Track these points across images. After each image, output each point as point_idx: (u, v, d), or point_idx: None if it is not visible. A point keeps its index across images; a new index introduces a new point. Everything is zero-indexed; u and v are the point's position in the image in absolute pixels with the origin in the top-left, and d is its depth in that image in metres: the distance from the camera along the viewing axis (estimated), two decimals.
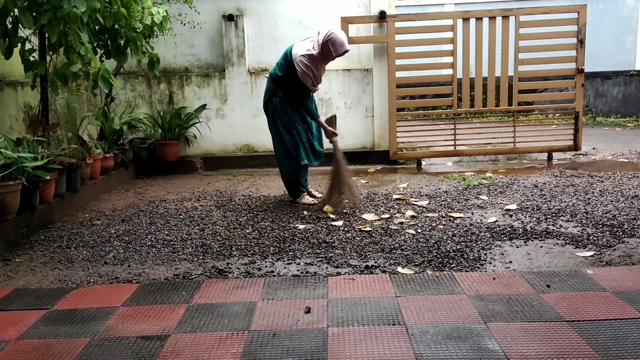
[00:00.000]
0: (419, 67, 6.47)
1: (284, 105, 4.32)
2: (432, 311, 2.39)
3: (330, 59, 4.20)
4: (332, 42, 4.08)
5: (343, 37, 4.12)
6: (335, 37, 4.09)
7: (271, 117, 4.42)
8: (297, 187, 4.52)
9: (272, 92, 4.36)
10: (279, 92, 4.32)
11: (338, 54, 4.14)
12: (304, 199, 4.51)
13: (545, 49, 6.15)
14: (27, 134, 4.53)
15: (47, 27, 3.63)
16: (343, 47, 4.11)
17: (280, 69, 4.31)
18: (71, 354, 2.12)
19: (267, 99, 4.42)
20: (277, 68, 4.34)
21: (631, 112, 10.41)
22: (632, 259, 2.99)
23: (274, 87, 4.34)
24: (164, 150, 6.27)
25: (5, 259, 3.32)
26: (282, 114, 4.33)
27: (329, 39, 4.09)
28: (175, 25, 6.11)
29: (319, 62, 4.19)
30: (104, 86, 4.16)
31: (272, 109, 4.37)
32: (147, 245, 3.50)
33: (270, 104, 4.38)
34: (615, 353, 1.99)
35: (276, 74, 4.32)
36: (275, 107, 4.34)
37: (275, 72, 4.35)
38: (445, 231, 3.58)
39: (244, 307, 2.50)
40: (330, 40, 4.09)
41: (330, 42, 4.09)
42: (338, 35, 4.10)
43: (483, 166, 6.15)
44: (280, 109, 4.33)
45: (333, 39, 4.08)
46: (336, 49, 4.10)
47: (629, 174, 5.20)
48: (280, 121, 4.35)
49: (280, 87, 4.31)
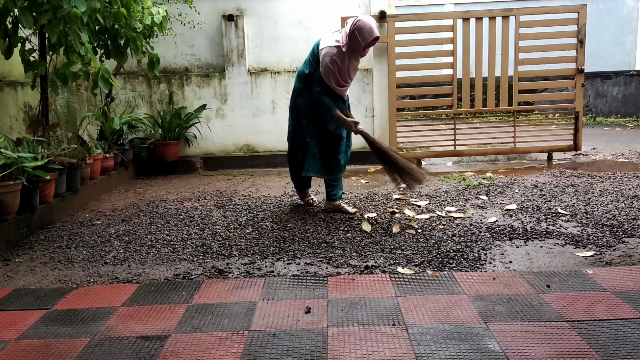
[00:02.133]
0: (419, 67, 6.47)
1: (307, 108, 3.92)
2: (432, 311, 2.39)
3: (360, 51, 3.74)
4: (359, 31, 3.64)
5: (371, 23, 3.66)
6: (362, 24, 3.64)
7: (294, 120, 4.05)
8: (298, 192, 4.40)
9: (298, 91, 3.97)
10: (305, 93, 3.91)
11: (367, 43, 3.68)
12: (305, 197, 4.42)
13: (545, 49, 6.14)
14: (27, 134, 4.53)
15: (47, 27, 3.63)
16: (372, 33, 3.64)
17: (307, 66, 3.91)
18: (71, 354, 2.12)
19: (293, 99, 4.02)
20: (305, 65, 3.94)
21: (631, 112, 10.41)
22: (632, 259, 2.99)
23: (301, 86, 3.94)
24: (164, 150, 6.28)
25: (5, 259, 3.32)
26: (302, 118, 3.96)
27: (355, 27, 3.66)
28: (175, 25, 6.11)
29: (346, 57, 3.73)
30: (104, 86, 4.16)
31: (297, 112, 4.00)
32: (147, 245, 3.50)
33: (296, 106, 4.00)
34: (615, 353, 1.99)
35: (303, 72, 3.93)
36: (300, 109, 3.96)
37: (302, 69, 3.96)
38: (445, 231, 3.58)
39: (244, 307, 2.50)
40: (357, 28, 3.65)
41: (357, 30, 3.65)
42: (365, 22, 3.66)
43: (483, 166, 6.15)
44: (303, 112, 3.94)
45: (360, 26, 3.64)
46: (364, 37, 3.64)
47: (629, 174, 5.20)
48: (299, 125, 4.01)
49: (307, 87, 3.88)
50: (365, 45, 3.70)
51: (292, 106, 4.05)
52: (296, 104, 3.99)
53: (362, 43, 3.67)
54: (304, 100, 3.91)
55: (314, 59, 3.84)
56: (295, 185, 4.40)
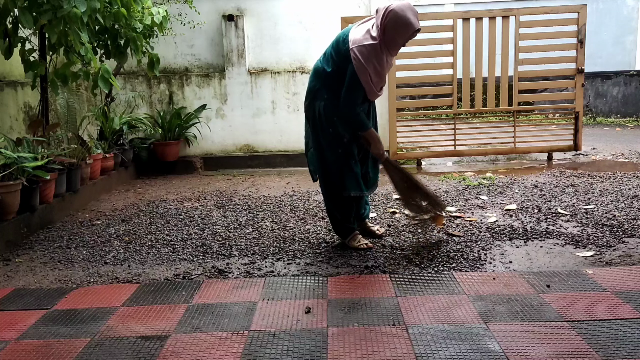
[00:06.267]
0: (419, 67, 6.46)
1: (330, 112, 3.11)
2: (432, 311, 2.39)
3: (397, 48, 3.03)
4: (393, 23, 2.90)
5: (408, 12, 2.90)
6: (396, 15, 2.88)
7: (312, 127, 3.23)
8: (345, 225, 3.30)
9: (315, 92, 3.17)
10: (325, 94, 3.12)
11: (407, 38, 2.96)
12: (354, 241, 3.29)
13: (545, 49, 6.14)
14: (27, 134, 4.52)
15: (47, 27, 3.63)
16: (409, 26, 2.90)
17: (328, 62, 3.12)
18: (71, 354, 2.12)
19: (308, 101, 3.21)
20: (324, 61, 3.16)
21: (631, 112, 10.41)
22: (632, 259, 2.99)
23: (319, 87, 3.15)
24: (164, 150, 6.28)
25: (5, 259, 3.32)
26: (327, 124, 3.13)
27: (388, 19, 2.90)
28: (175, 25, 6.11)
29: (383, 54, 2.99)
30: (104, 86, 4.16)
31: (315, 116, 3.18)
32: (147, 245, 3.50)
33: (312, 109, 3.18)
34: (615, 353, 1.99)
35: (323, 69, 3.14)
36: (319, 113, 3.14)
37: (321, 66, 3.16)
38: (445, 231, 3.58)
39: (244, 307, 2.50)
40: (390, 20, 2.90)
41: (391, 23, 2.90)
42: (400, 11, 2.89)
43: (483, 166, 6.15)
44: (325, 117, 3.12)
45: (394, 17, 2.89)
46: (400, 32, 2.91)
47: (629, 174, 5.20)
48: (323, 134, 3.16)
49: (327, 87, 3.12)
50: (404, 40, 2.99)
51: (308, 109, 3.24)
52: (312, 108, 3.19)
53: (398, 39, 2.95)
54: (324, 103, 3.13)
55: (339, 56, 3.06)
56: (345, 217, 3.27)
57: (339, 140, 3.14)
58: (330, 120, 3.13)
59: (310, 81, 3.23)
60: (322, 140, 3.17)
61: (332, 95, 3.10)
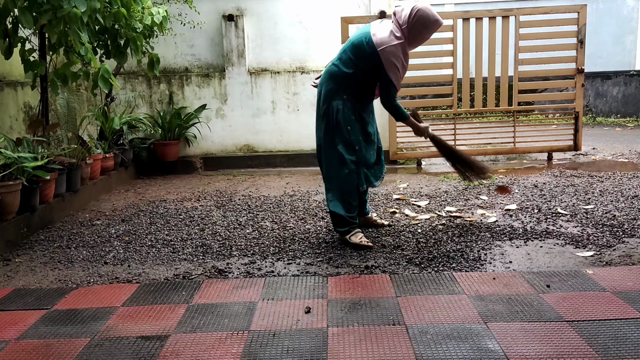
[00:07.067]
0: (419, 67, 6.45)
1: (349, 112, 3.31)
2: (432, 311, 2.39)
3: (422, 41, 3.32)
4: (423, 22, 3.19)
5: (431, 10, 3.23)
6: (425, 14, 3.19)
7: (326, 127, 3.36)
8: (348, 220, 3.37)
9: (333, 93, 3.31)
10: (344, 95, 3.30)
11: (432, 33, 3.28)
12: (355, 238, 3.34)
13: (545, 49, 6.14)
14: (27, 134, 4.53)
15: (47, 27, 3.63)
16: (437, 22, 3.23)
17: (347, 64, 3.30)
18: (71, 354, 2.12)
19: (326, 104, 3.34)
20: (342, 63, 3.32)
21: (631, 112, 10.41)
22: (632, 259, 2.99)
23: (337, 88, 3.31)
24: (164, 150, 6.28)
25: (5, 259, 3.32)
26: (345, 124, 3.30)
27: (416, 19, 3.19)
28: (175, 25, 6.12)
29: (407, 50, 3.29)
30: (104, 86, 4.16)
31: (332, 117, 3.32)
32: (147, 245, 3.50)
33: (330, 110, 3.32)
34: (615, 353, 1.99)
35: (341, 71, 3.31)
36: (337, 113, 3.29)
37: (338, 68, 3.33)
38: (445, 231, 3.58)
39: (244, 307, 2.50)
40: (419, 19, 3.19)
41: (420, 22, 3.19)
42: (427, 10, 3.20)
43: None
44: (344, 118, 3.29)
45: (423, 16, 3.19)
46: (430, 28, 3.24)
47: (629, 174, 5.20)
48: (341, 134, 3.31)
49: (345, 88, 3.31)
50: (428, 37, 3.30)
51: (325, 112, 3.35)
52: (331, 108, 3.32)
53: (426, 35, 3.26)
54: (342, 103, 3.30)
55: (361, 58, 3.25)
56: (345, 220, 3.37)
57: (355, 139, 3.34)
58: (349, 120, 3.32)
59: (326, 84, 3.38)
60: (340, 141, 3.32)
61: (351, 96, 3.34)
